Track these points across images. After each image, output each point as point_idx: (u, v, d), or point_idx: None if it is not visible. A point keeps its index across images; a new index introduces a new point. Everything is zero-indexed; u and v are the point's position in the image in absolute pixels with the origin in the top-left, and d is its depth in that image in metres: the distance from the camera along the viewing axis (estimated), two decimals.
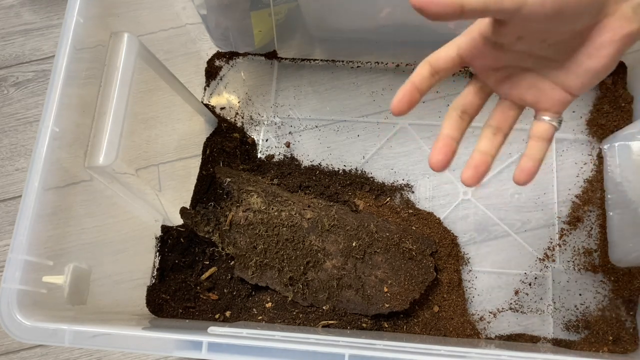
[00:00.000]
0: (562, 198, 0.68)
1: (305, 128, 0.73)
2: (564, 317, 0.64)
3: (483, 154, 0.42)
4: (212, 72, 0.77)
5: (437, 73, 0.40)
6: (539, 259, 0.66)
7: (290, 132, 0.73)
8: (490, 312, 0.64)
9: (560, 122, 0.40)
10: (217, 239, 0.64)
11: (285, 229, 0.63)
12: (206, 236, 0.64)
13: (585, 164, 0.69)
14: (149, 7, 0.63)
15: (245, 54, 0.77)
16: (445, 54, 0.39)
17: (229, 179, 0.66)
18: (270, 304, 0.63)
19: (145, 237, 0.65)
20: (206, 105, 0.73)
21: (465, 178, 0.41)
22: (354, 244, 0.62)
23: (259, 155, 0.73)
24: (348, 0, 0.64)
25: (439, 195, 0.69)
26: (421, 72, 0.40)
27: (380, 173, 0.71)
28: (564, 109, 0.39)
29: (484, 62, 0.40)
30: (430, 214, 0.68)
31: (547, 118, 0.40)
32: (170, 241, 0.66)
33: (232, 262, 0.65)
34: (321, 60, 0.76)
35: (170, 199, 0.66)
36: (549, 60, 0.37)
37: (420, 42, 0.71)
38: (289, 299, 0.63)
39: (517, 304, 0.65)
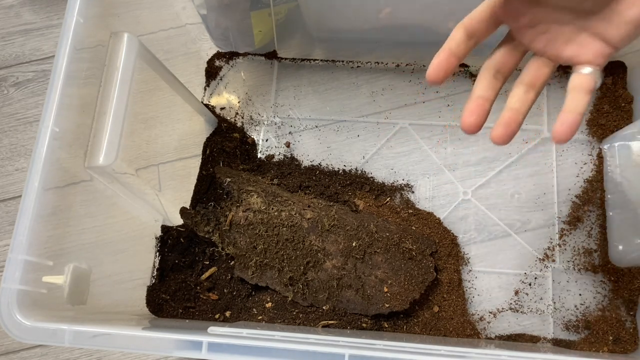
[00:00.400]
0: (562, 198, 0.68)
1: (305, 128, 0.73)
2: (564, 317, 0.64)
3: (514, 112, 0.39)
4: (212, 72, 0.77)
5: (473, 36, 0.39)
6: (539, 259, 0.66)
7: (290, 132, 0.73)
8: (490, 312, 0.64)
9: (601, 76, 0.38)
10: (217, 239, 0.64)
11: (285, 229, 0.63)
12: (206, 236, 0.64)
13: (585, 164, 0.69)
14: (149, 7, 0.63)
15: (245, 54, 0.77)
16: (479, 15, 0.38)
17: (229, 179, 0.66)
18: (270, 304, 0.63)
19: (145, 237, 0.65)
20: (206, 105, 0.73)
21: (495, 136, 0.39)
22: (354, 244, 0.62)
23: (259, 155, 0.73)
24: (348, 0, 0.64)
25: (439, 195, 0.69)
26: (456, 36, 0.39)
27: (380, 173, 0.71)
28: (604, 61, 0.38)
29: (519, 19, 0.38)
30: (430, 214, 0.68)
31: (587, 70, 0.38)
32: (170, 241, 0.66)
33: (232, 262, 0.65)
34: (321, 60, 0.76)
35: (170, 199, 0.66)
36: (587, 12, 0.36)
37: (420, 42, 0.72)
38: (289, 299, 0.63)
39: (517, 304, 0.65)
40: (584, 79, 0.38)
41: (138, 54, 0.51)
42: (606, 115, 0.69)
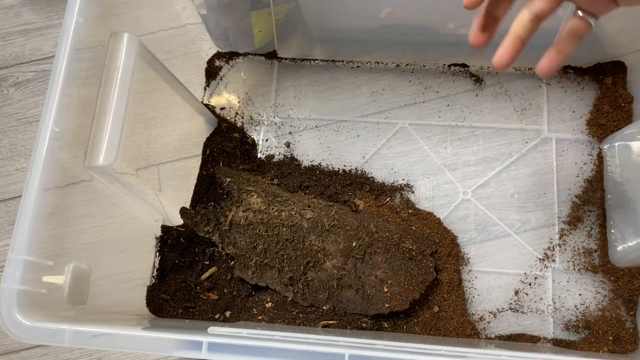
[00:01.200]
0: (562, 198, 0.68)
1: (305, 128, 0.73)
2: (564, 317, 0.64)
3: (517, 38, 0.43)
4: (212, 72, 0.77)
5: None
6: (539, 259, 0.66)
7: (290, 132, 0.73)
8: (490, 312, 0.64)
9: (592, 26, 0.42)
10: (217, 239, 0.64)
11: (285, 229, 0.63)
12: (206, 236, 0.64)
13: (585, 164, 0.69)
14: (149, 7, 0.63)
15: (245, 54, 0.77)
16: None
17: (229, 179, 0.67)
18: (270, 304, 0.63)
19: (145, 237, 0.65)
20: (206, 105, 0.73)
21: (497, 60, 0.43)
22: (354, 244, 0.62)
23: (259, 155, 0.73)
24: (348, 0, 0.64)
25: (439, 195, 0.69)
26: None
27: (380, 173, 0.71)
28: (603, 11, 0.42)
29: None
30: (430, 214, 0.68)
31: (584, 14, 0.42)
32: (170, 241, 0.66)
33: (232, 262, 0.65)
34: (321, 60, 0.76)
35: (170, 199, 0.66)
36: None
37: (421, 42, 0.72)
38: (289, 299, 0.63)
39: (517, 304, 0.65)
40: (578, 23, 0.42)
41: (138, 54, 0.51)
42: (606, 115, 0.69)
